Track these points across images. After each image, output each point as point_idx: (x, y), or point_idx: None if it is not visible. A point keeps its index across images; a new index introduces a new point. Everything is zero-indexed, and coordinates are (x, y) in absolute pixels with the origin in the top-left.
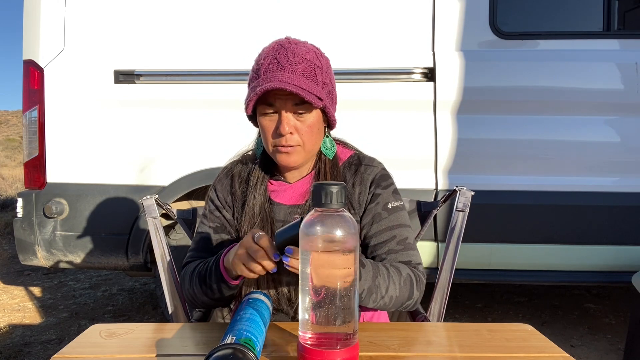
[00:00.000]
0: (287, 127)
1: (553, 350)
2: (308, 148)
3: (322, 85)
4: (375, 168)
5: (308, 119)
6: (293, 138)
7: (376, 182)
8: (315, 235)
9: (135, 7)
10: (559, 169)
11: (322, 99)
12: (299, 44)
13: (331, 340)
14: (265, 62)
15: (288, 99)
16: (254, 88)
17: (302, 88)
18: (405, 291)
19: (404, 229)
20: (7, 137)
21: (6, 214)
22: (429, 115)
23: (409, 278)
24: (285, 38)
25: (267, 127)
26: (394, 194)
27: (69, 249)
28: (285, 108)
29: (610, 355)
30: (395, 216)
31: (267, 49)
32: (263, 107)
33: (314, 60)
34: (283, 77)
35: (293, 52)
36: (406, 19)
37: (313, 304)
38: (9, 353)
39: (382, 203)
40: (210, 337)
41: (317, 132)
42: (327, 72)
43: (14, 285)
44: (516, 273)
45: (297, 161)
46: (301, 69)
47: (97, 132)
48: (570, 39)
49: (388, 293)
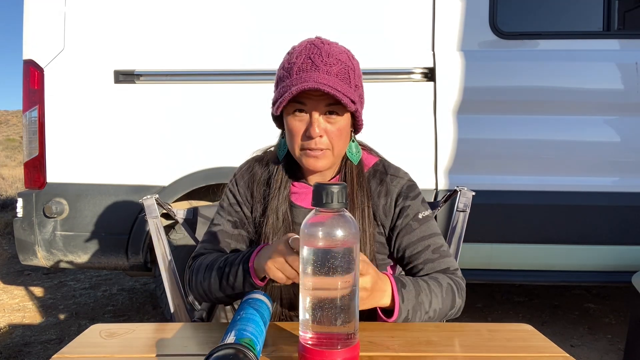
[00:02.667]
0: (318, 129)
1: (553, 350)
2: (336, 152)
3: (354, 88)
4: (401, 179)
5: (339, 122)
6: (322, 141)
7: (403, 194)
8: (316, 234)
9: (135, 7)
10: (559, 169)
11: (355, 102)
12: (331, 44)
13: (332, 340)
14: (298, 61)
15: (321, 100)
16: (287, 87)
17: (338, 90)
18: (448, 301)
19: (437, 237)
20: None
21: (6, 214)
22: (429, 115)
23: (449, 287)
24: (317, 37)
25: (296, 128)
26: (423, 203)
27: (69, 249)
28: (317, 109)
29: (610, 355)
30: (427, 226)
31: (298, 48)
32: (293, 106)
33: (347, 62)
34: (319, 78)
35: (327, 52)
36: (406, 19)
37: (313, 304)
38: (9, 353)
39: (412, 214)
40: (210, 337)
41: (346, 135)
42: (358, 74)
43: (14, 285)
44: (516, 273)
45: (325, 166)
46: (336, 70)
47: (97, 132)
48: (570, 39)
49: (432, 307)
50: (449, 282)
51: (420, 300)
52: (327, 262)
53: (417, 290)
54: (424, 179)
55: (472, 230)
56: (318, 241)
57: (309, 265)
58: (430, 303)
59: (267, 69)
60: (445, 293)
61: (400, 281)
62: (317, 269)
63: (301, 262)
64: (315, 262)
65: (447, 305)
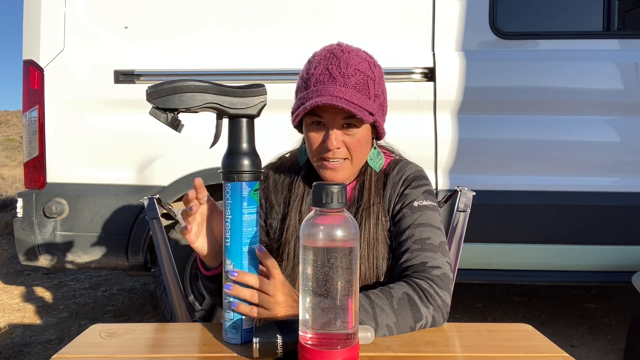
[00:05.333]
0: (335, 142)
1: (553, 350)
2: (355, 162)
3: (374, 99)
4: (409, 170)
5: (357, 133)
6: (340, 152)
7: (407, 182)
8: (316, 235)
9: (135, 8)
10: (559, 169)
11: (373, 114)
12: (352, 52)
13: (331, 340)
14: (316, 72)
15: (338, 113)
16: (303, 99)
17: (354, 103)
18: (406, 313)
19: (427, 229)
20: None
21: (6, 214)
22: (429, 115)
23: (405, 298)
24: (337, 44)
25: (314, 139)
26: (425, 194)
27: (69, 249)
28: (333, 124)
29: (610, 355)
30: (419, 214)
31: (318, 56)
32: (310, 118)
33: (366, 71)
34: (335, 91)
35: (346, 62)
36: (406, 19)
37: (313, 303)
38: (9, 353)
39: (407, 202)
40: (211, 337)
41: (366, 144)
42: (379, 83)
43: (14, 285)
44: (516, 273)
45: (342, 178)
46: (354, 82)
47: (97, 132)
48: (570, 39)
49: (380, 324)
50: (406, 290)
51: (359, 319)
52: (327, 262)
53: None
54: None
55: (472, 230)
56: (318, 241)
57: (309, 265)
58: (376, 320)
59: (267, 69)
60: (398, 304)
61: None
62: (317, 269)
63: (301, 262)
64: (315, 262)
65: (406, 318)
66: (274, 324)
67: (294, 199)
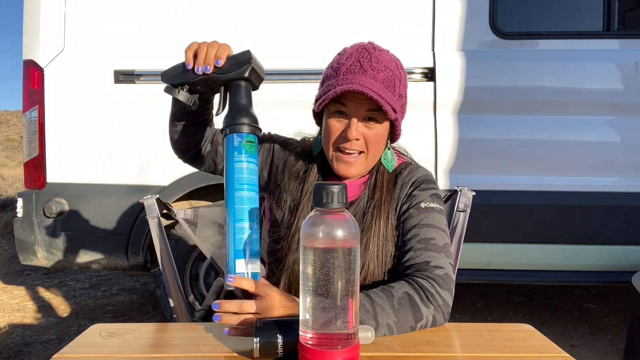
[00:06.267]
0: (355, 132)
1: (553, 350)
2: (370, 157)
3: (398, 97)
4: (418, 173)
5: (377, 128)
6: (358, 143)
7: (416, 184)
8: (317, 235)
9: (134, 8)
10: (559, 169)
11: (396, 111)
12: (382, 51)
13: (332, 340)
14: (347, 62)
15: (363, 103)
16: (331, 86)
17: (381, 96)
18: (406, 313)
19: (432, 229)
20: (7, 137)
21: (6, 214)
22: (429, 115)
23: (405, 297)
24: (369, 42)
25: (335, 127)
26: (433, 196)
27: (69, 249)
28: (357, 113)
29: (610, 355)
30: (425, 215)
31: (350, 50)
32: (335, 106)
33: (395, 70)
34: (364, 82)
35: (377, 58)
36: (406, 19)
37: (314, 304)
38: (9, 353)
39: (415, 203)
40: (211, 337)
41: (382, 141)
42: (404, 84)
43: (14, 285)
44: (516, 273)
45: (356, 173)
46: (382, 77)
47: (97, 132)
48: (570, 39)
49: (381, 323)
50: (407, 290)
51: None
52: (327, 262)
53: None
54: None
55: (472, 230)
56: (318, 241)
57: (309, 265)
58: (376, 319)
59: (267, 69)
60: (399, 304)
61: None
62: (317, 269)
63: (301, 262)
64: (315, 262)
65: (406, 318)
66: (274, 324)
67: (307, 190)
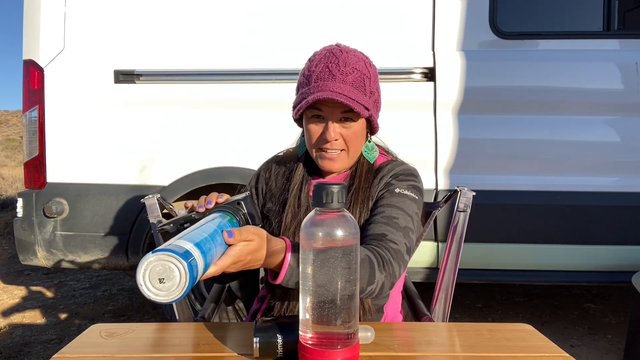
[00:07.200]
0: (333, 134)
1: (553, 350)
2: (351, 153)
3: (369, 95)
4: (401, 167)
5: (353, 126)
6: (338, 143)
7: (394, 176)
8: (316, 235)
9: (135, 8)
10: (559, 169)
11: (368, 109)
12: (350, 52)
13: (332, 340)
14: (317, 69)
15: (336, 107)
16: (304, 94)
17: (351, 98)
18: (364, 274)
19: (399, 211)
20: (7, 137)
21: (6, 214)
22: (429, 115)
23: (366, 260)
24: (336, 45)
25: (314, 131)
26: (410, 187)
27: (69, 249)
28: (332, 117)
29: (610, 355)
30: (397, 199)
31: (318, 55)
32: (311, 112)
33: (363, 70)
34: (334, 87)
35: (345, 61)
36: (406, 19)
37: (313, 303)
38: (9, 353)
39: (390, 189)
40: (211, 337)
41: (361, 137)
42: (374, 80)
43: (14, 285)
44: (516, 273)
45: (340, 168)
46: (351, 79)
47: (97, 132)
48: (570, 39)
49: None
50: (368, 253)
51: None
52: (327, 262)
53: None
54: (424, 179)
55: (472, 230)
56: (318, 241)
57: (309, 265)
58: None
59: (266, 69)
60: (360, 265)
61: (297, 245)
62: (317, 269)
63: (301, 262)
64: (315, 262)
65: (362, 279)
66: (274, 324)
67: (293, 186)
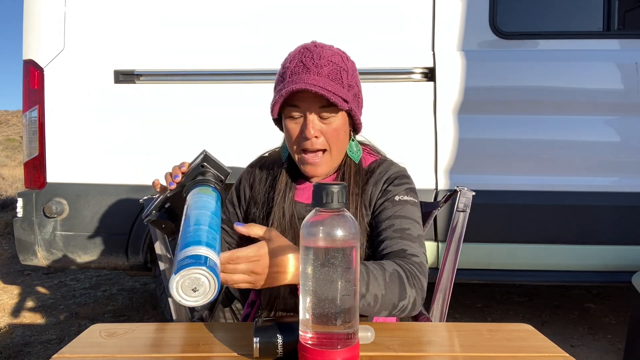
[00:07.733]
0: (313, 130)
1: (553, 350)
2: (334, 154)
3: (347, 88)
4: (393, 169)
5: (334, 122)
6: (319, 141)
7: (390, 180)
8: (316, 235)
9: (135, 8)
10: (559, 169)
11: (347, 102)
12: (324, 47)
13: (332, 340)
14: (291, 65)
15: (314, 101)
16: (280, 90)
17: (327, 90)
18: (395, 289)
19: (406, 220)
20: (7, 137)
21: (6, 214)
22: (429, 115)
23: (395, 274)
24: (312, 42)
25: (293, 130)
26: (407, 191)
27: (69, 249)
28: (310, 110)
29: (610, 355)
30: (400, 208)
31: (293, 52)
32: (289, 109)
33: (339, 63)
34: (309, 79)
35: (319, 55)
36: (406, 19)
37: (313, 303)
38: (9, 353)
39: (390, 197)
40: (211, 337)
41: (343, 135)
42: (352, 75)
43: (14, 285)
44: (516, 273)
45: (323, 172)
46: (327, 71)
47: (97, 132)
48: (570, 39)
49: (370, 291)
50: (396, 268)
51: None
52: (327, 262)
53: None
54: (424, 179)
55: (472, 230)
56: (318, 241)
57: (309, 265)
58: (368, 287)
59: (266, 69)
60: (390, 279)
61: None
62: (317, 269)
63: (301, 262)
64: (315, 262)
65: (393, 293)
66: (274, 324)
67: (277, 194)
